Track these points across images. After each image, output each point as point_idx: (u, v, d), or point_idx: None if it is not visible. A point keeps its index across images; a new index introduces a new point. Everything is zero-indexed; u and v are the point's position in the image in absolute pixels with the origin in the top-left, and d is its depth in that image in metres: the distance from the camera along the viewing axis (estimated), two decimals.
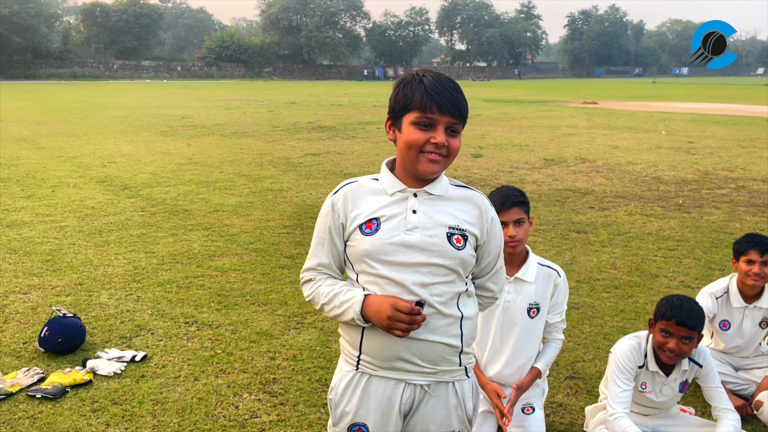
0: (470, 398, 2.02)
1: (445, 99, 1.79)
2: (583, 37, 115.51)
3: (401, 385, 1.92)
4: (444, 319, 1.89)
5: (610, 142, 14.82)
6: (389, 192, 1.89)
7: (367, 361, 1.93)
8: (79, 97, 33.16)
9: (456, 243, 1.87)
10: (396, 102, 1.87)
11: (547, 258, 5.79)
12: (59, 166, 10.97)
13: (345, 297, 1.89)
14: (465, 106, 1.84)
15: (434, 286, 1.86)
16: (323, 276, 1.99)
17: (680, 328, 2.80)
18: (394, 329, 1.81)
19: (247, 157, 12.30)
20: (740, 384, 3.60)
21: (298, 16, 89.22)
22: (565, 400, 3.52)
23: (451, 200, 1.91)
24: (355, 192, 1.93)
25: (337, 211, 1.93)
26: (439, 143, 1.80)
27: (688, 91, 47.86)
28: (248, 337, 4.24)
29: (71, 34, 79.26)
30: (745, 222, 7.40)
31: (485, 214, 1.94)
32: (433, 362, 1.91)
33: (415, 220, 1.86)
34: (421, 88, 1.80)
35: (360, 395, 1.95)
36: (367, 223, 1.87)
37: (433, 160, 1.82)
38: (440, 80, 1.82)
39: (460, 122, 1.83)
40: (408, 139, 1.83)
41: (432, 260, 1.85)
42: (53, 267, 5.59)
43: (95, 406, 3.37)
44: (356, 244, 1.89)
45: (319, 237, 1.98)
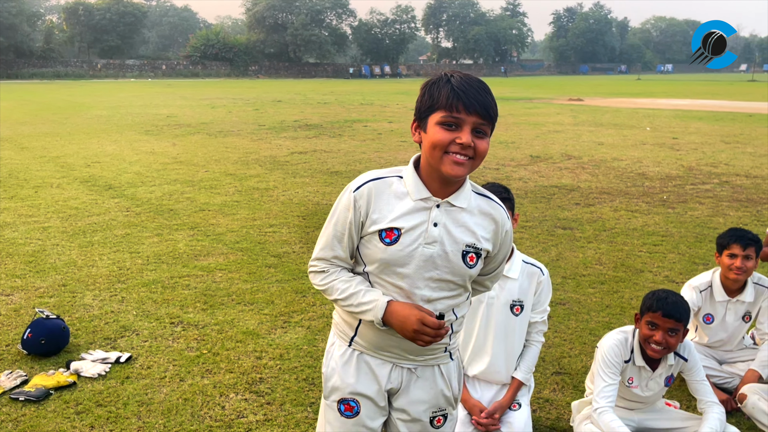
0: (456, 378, 2.08)
1: (472, 98, 1.75)
2: (568, 34, 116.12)
3: (389, 366, 1.99)
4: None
5: (596, 139, 14.91)
6: (413, 198, 1.85)
7: (360, 343, 1.99)
8: (62, 97, 32.83)
9: (469, 261, 1.88)
10: (422, 102, 1.82)
11: (534, 254, 5.86)
12: (42, 167, 10.85)
13: (364, 299, 1.88)
14: (494, 108, 1.79)
15: (439, 301, 1.89)
16: (337, 269, 1.96)
17: (666, 319, 2.82)
18: (418, 341, 1.85)
19: (233, 156, 12.23)
20: (724, 377, 3.63)
21: (284, 14, 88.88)
22: (551, 396, 3.53)
23: (472, 214, 1.89)
24: (379, 191, 1.87)
25: (359, 209, 1.87)
26: (464, 144, 1.75)
27: (673, 87, 48.26)
28: (234, 336, 4.21)
29: (54, 33, 78.37)
30: (728, 217, 7.47)
31: (501, 228, 1.93)
32: (421, 353, 1.98)
33: (435, 234, 1.84)
34: (448, 87, 1.76)
35: (352, 370, 2.00)
36: (388, 232, 1.84)
37: (458, 162, 1.77)
38: (468, 80, 1.78)
39: (487, 123, 1.79)
40: (433, 139, 1.77)
41: (444, 276, 1.87)
42: (36, 268, 5.53)
43: (79, 408, 3.33)
44: (373, 249, 1.87)
45: (337, 230, 1.92)
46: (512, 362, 3.00)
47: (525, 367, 3.01)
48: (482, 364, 3.00)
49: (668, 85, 52.17)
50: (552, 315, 4.52)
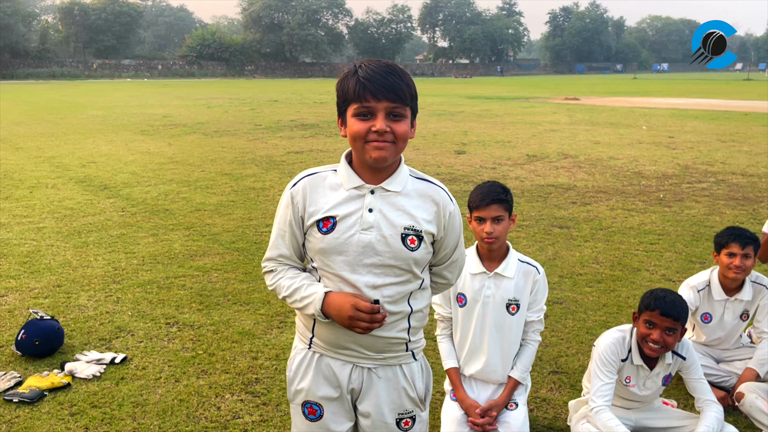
0: (420, 379, 2.05)
1: (378, 85, 1.75)
2: (564, 33, 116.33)
3: (349, 366, 1.97)
4: (392, 317, 1.91)
5: (592, 138, 14.91)
6: (346, 187, 1.88)
7: (318, 344, 1.99)
8: (57, 97, 32.72)
9: (410, 244, 1.86)
10: (338, 98, 1.86)
11: (530, 253, 5.85)
12: (37, 167, 10.80)
13: (306, 292, 1.90)
14: (404, 89, 1.79)
15: (386, 287, 1.88)
16: (284, 267, 1.99)
17: (664, 318, 2.81)
18: (354, 328, 1.84)
19: (229, 156, 12.20)
20: (721, 376, 3.62)
21: (280, 14, 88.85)
22: (548, 395, 3.52)
23: (409, 197, 1.89)
24: (314, 185, 1.91)
25: (296, 204, 1.92)
26: (379, 130, 1.77)
27: (668, 86, 48.35)
28: (230, 337, 4.19)
29: (49, 33, 78.27)
30: (725, 215, 7.47)
31: (443, 210, 1.92)
32: (380, 351, 1.96)
33: (370, 220, 1.85)
34: (355, 78, 1.78)
35: (312, 373, 2.00)
36: (324, 221, 1.87)
37: (378, 147, 1.79)
38: (375, 67, 1.78)
39: (401, 105, 1.79)
40: (351, 131, 1.81)
41: (385, 261, 1.86)
42: (31, 269, 5.50)
43: (74, 410, 3.31)
44: (313, 240, 1.90)
45: (280, 229, 1.97)
46: (509, 361, 2.99)
47: (522, 366, 2.99)
48: (479, 364, 2.99)
49: (664, 84, 52.27)
50: (549, 314, 4.51)
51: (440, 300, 3.08)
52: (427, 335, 4.14)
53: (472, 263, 2.93)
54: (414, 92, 1.84)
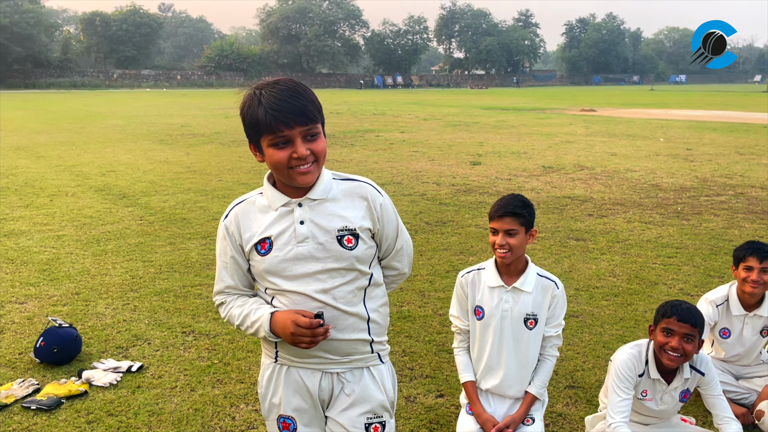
0: (389, 382, 2.07)
1: (287, 113, 1.75)
2: (580, 44, 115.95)
3: (318, 374, 1.99)
4: (350, 318, 1.94)
5: (609, 150, 14.83)
6: (274, 207, 1.91)
7: (284, 356, 2.00)
8: (78, 106, 33.21)
9: (347, 243, 1.89)
10: (246, 127, 1.85)
11: (546, 265, 5.82)
12: (58, 175, 10.96)
13: (255, 316, 1.93)
14: (311, 108, 1.79)
15: (336, 289, 1.90)
16: (233, 296, 2.03)
17: (682, 324, 2.79)
18: (299, 344, 1.86)
19: (246, 165, 12.29)
20: (741, 393, 3.57)
21: (297, 25, 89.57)
22: (564, 410, 3.49)
23: (336, 200, 1.92)
24: (244, 212, 1.95)
25: (232, 234, 1.95)
26: (301, 156, 1.79)
27: (686, 98, 47.98)
28: (245, 346, 4.21)
29: (71, 43, 79.50)
30: (744, 229, 7.38)
31: (373, 203, 1.95)
32: (346, 354, 1.98)
33: (304, 231, 1.88)
34: (261, 109, 1.76)
35: (283, 386, 2.01)
36: (261, 243, 1.90)
37: (304, 172, 1.83)
38: (278, 92, 1.76)
39: (313, 125, 1.81)
40: (272, 161, 1.82)
41: (328, 266, 1.89)
42: (50, 276, 5.57)
43: (90, 418, 3.34)
44: (255, 263, 1.94)
45: (222, 261, 2.00)
46: (526, 376, 2.97)
47: (539, 381, 2.97)
48: (496, 378, 2.97)
49: (682, 96, 51.88)
50: (565, 327, 4.45)
51: (458, 312, 3.07)
52: (441, 348, 4.16)
53: (490, 276, 2.93)
54: (319, 106, 1.85)
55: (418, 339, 4.34)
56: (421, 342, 4.29)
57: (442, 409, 3.44)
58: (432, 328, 4.52)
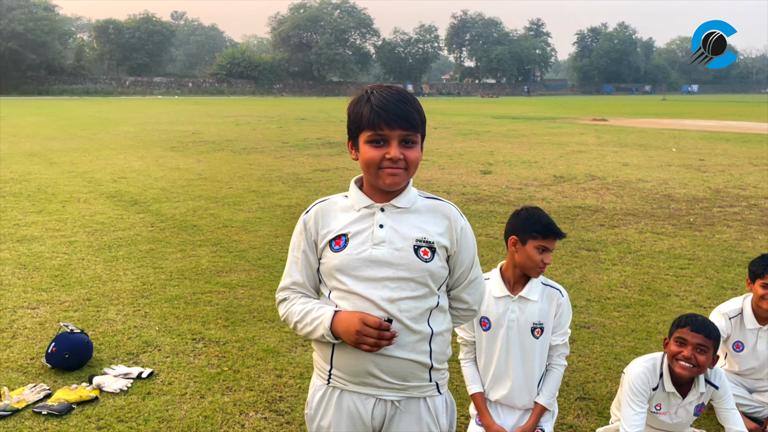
0: (444, 414, 2.00)
1: (392, 113, 1.79)
2: (592, 54, 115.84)
3: (372, 401, 1.92)
4: (413, 335, 1.88)
5: (620, 159, 14.76)
6: (356, 208, 1.92)
7: (338, 376, 1.93)
8: (91, 113, 33.50)
9: (423, 255, 1.87)
10: (350, 123, 1.90)
11: (557, 276, 5.79)
12: (70, 182, 11.04)
13: (316, 314, 1.90)
14: (416, 116, 1.83)
15: (402, 301, 1.86)
16: (297, 295, 1.99)
17: (695, 334, 2.78)
18: (362, 344, 1.81)
19: (257, 173, 12.34)
20: (754, 407, 3.53)
21: (309, 34, 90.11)
22: (575, 422, 3.46)
23: (419, 212, 1.92)
24: (326, 210, 1.96)
25: (309, 230, 1.96)
26: (393, 158, 1.81)
27: (699, 108, 47.74)
28: (255, 354, 4.21)
29: (84, 50, 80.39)
30: (757, 240, 7.32)
31: (454, 224, 1.93)
32: (403, 378, 1.90)
33: (381, 235, 1.87)
34: (368, 106, 1.81)
35: (333, 410, 1.95)
36: (336, 240, 1.90)
37: (392, 174, 1.84)
38: (388, 94, 1.82)
39: (413, 133, 1.83)
40: (365, 158, 1.85)
41: (399, 274, 1.85)
42: (62, 282, 5.60)
43: (101, 424, 3.35)
44: (327, 260, 1.92)
45: (293, 256, 2.00)
46: (534, 386, 2.95)
47: (547, 391, 2.95)
48: (504, 389, 2.95)
49: (694, 106, 51.63)
50: (576, 338, 4.46)
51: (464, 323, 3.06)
52: (450, 358, 4.13)
53: (495, 286, 2.92)
54: (424, 118, 1.88)
55: None
56: None
57: None
58: None
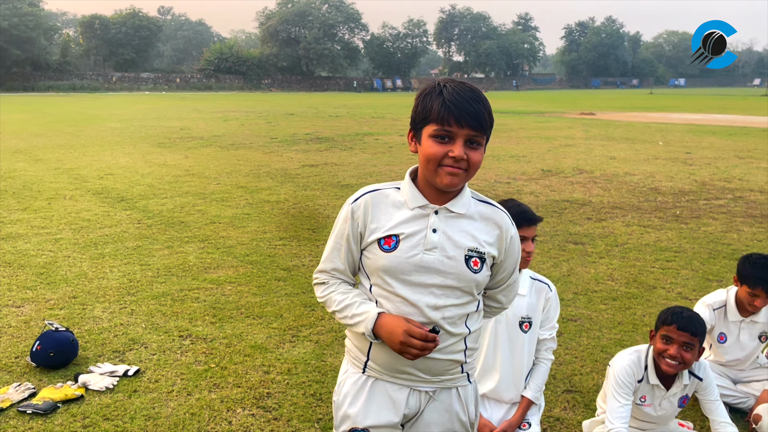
0: (473, 402, 2.02)
1: (463, 111, 1.73)
2: (580, 48, 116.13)
3: (406, 390, 1.92)
4: (451, 338, 1.89)
5: (608, 153, 14.83)
6: (410, 206, 1.85)
7: (374, 368, 1.93)
8: (77, 109, 33.21)
9: (473, 266, 1.84)
10: (416, 113, 1.82)
11: (545, 269, 5.81)
12: (56, 178, 10.94)
13: (358, 310, 1.87)
14: (486, 118, 1.78)
15: (447, 308, 1.85)
16: (337, 281, 1.97)
17: (681, 333, 2.79)
18: (405, 353, 1.80)
19: (245, 169, 12.28)
20: (739, 397, 3.56)
21: (297, 29, 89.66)
22: (562, 414, 3.48)
23: (472, 219, 1.87)
24: (376, 202, 1.88)
25: (356, 219, 1.89)
26: (457, 157, 1.75)
27: (685, 101, 48.04)
28: (243, 350, 4.20)
29: (70, 46, 79.62)
30: (742, 233, 7.38)
31: (505, 234, 1.91)
32: (439, 374, 1.92)
33: (434, 240, 1.82)
34: (440, 99, 1.74)
35: (365, 398, 1.94)
36: (387, 239, 1.84)
37: (452, 173, 1.77)
38: (461, 91, 1.75)
39: (480, 134, 1.78)
40: (426, 152, 1.78)
41: (448, 282, 1.83)
42: (47, 280, 5.55)
43: (86, 422, 3.32)
44: (373, 258, 1.87)
45: (336, 242, 1.94)
46: (521, 380, 2.96)
47: (534, 385, 2.96)
48: (492, 382, 2.97)
49: (681, 100, 51.94)
50: (563, 331, 4.48)
51: None
52: None
53: None
54: (493, 120, 1.82)
55: None
56: None
57: None
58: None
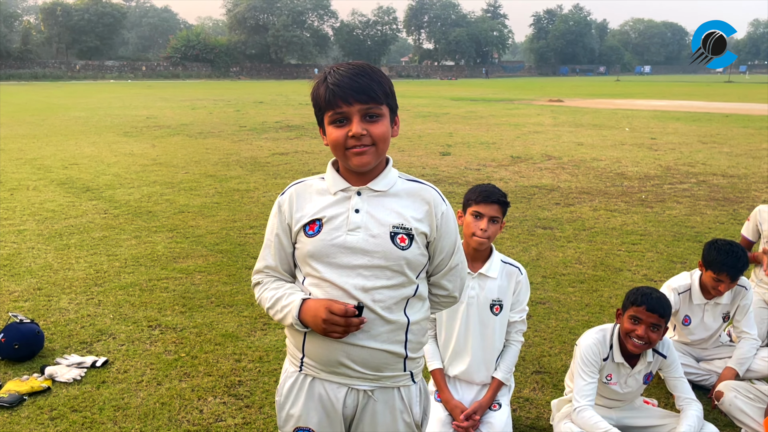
0: (417, 403, 1.96)
1: (347, 89, 1.71)
2: (548, 36, 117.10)
3: (344, 389, 1.88)
4: (387, 326, 1.83)
5: (575, 139, 15.02)
6: (332, 191, 1.85)
7: (310, 364, 1.89)
8: (39, 98, 32.38)
9: (400, 243, 1.80)
10: (314, 107, 1.83)
11: (514, 254, 5.88)
12: (18, 169, 10.67)
13: (286, 301, 1.85)
14: (375, 87, 1.74)
15: (377, 290, 1.80)
16: (270, 279, 1.95)
17: (650, 314, 2.84)
18: (330, 332, 1.77)
19: (214, 158, 12.14)
20: (701, 375, 3.66)
21: (265, 15, 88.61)
22: (531, 395, 3.53)
23: (398, 196, 1.84)
24: (301, 192, 1.89)
25: (283, 213, 1.89)
26: (356, 134, 1.73)
27: (651, 88, 48.82)
28: (213, 339, 4.17)
29: (31, 33, 77.39)
30: (705, 216, 7.56)
31: (435, 209, 1.85)
32: (376, 369, 1.86)
33: (357, 220, 1.80)
34: (324, 85, 1.75)
35: (304, 397, 1.91)
36: (310, 224, 1.84)
37: (358, 153, 1.76)
38: (344, 71, 1.74)
39: (375, 105, 1.75)
40: (330, 139, 1.78)
41: (374, 262, 1.79)
42: (11, 272, 5.43)
43: (54, 414, 3.27)
44: (301, 246, 1.86)
45: (267, 239, 1.94)
46: (492, 362, 3.00)
47: (504, 367, 3.00)
48: (463, 365, 3.00)
49: (646, 86, 52.77)
50: (532, 314, 4.54)
51: None
52: None
53: None
54: (388, 89, 1.79)
55: None
56: None
57: None
58: None
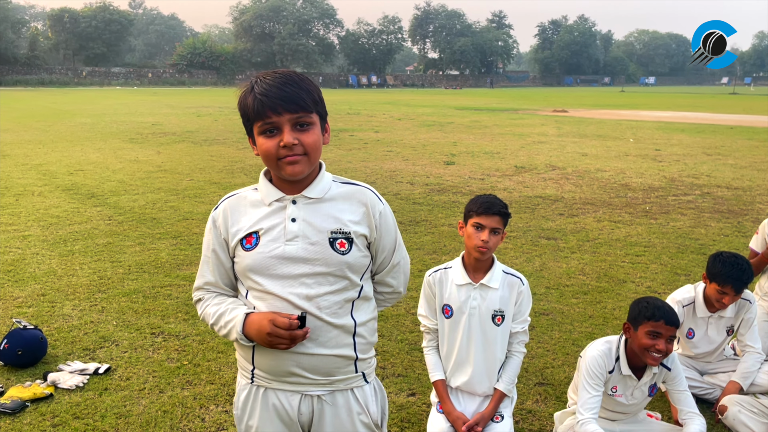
0: (374, 403, 1.96)
1: (275, 98, 1.69)
2: (553, 46, 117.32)
3: (297, 396, 1.87)
4: (335, 330, 1.82)
5: (580, 150, 15.02)
6: (267, 202, 1.82)
7: (261, 376, 1.88)
8: (46, 104, 32.55)
9: (340, 247, 1.79)
10: (242, 117, 1.80)
11: (517, 264, 5.87)
12: (24, 174, 10.72)
13: (229, 317, 1.82)
14: (304, 96, 1.72)
15: (321, 297, 1.79)
16: (212, 294, 1.92)
17: (669, 327, 2.82)
18: (276, 345, 1.75)
19: (218, 165, 12.17)
20: (705, 388, 3.64)
21: (271, 24, 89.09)
22: (534, 407, 3.52)
23: (333, 201, 1.84)
24: (235, 206, 1.86)
25: (218, 227, 1.87)
26: (287, 144, 1.71)
27: (655, 99, 48.82)
28: (215, 347, 4.17)
29: (39, 40, 77.87)
30: (710, 228, 7.54)
31: (372, 210, 1.85)
32: (327, 374, 1.86)
33: (294, 229, 1.79)
34: (252, 95, 1.72)
35: (260, 408, 1.89)
36: (247, 238, 1.81)
37: (291, 162, 1.74)
38: (271, 80, 1.72)
39: (305, 114, 1.73)
40: (261, 150, 1.76)
41: (316, 269, 1.78)
42: (15, 277, 5.44)
43: (56, 421, 3.27)
44: (240, 260, 1.83)
45: (204, 255, 1.92)
46: (494, 373, 2.99)
47: (507, 378, 2.99)
48: (465, 375, 2.99)
49: (651, 98, 52.77)
50: (535, 325, 4.53)
51: (426, 311, 3.08)
52: (413, 346, 4.16)
53: (458, 274, 2.95)
54: (317, 97, 1.78)
55: (391, 338, 4.34)
56: (393, 341, 4.30)
57: (414, 408, 3.45)
58: (404, 327, 4.53)
